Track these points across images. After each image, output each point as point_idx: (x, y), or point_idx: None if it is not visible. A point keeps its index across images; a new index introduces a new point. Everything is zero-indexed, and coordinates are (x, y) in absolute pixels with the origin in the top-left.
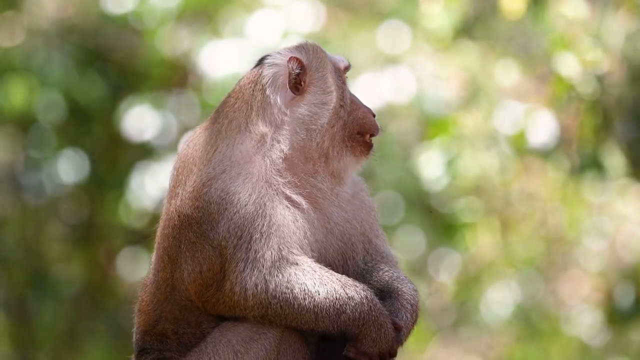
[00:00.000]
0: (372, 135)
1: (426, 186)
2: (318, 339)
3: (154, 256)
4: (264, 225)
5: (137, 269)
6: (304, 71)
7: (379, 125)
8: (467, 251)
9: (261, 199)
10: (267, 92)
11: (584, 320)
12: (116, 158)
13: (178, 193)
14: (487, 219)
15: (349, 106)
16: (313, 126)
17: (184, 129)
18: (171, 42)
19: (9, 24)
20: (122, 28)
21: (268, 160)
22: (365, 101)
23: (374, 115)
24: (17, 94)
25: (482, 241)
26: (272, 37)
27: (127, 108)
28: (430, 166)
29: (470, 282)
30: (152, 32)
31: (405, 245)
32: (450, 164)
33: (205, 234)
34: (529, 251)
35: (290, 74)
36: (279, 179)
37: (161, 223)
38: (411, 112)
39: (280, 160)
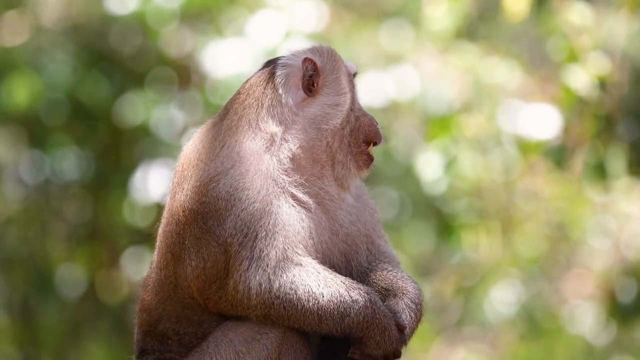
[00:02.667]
0: (375, 143)
1: (426, 188)
2: (320, 339)
3: (155, 255)
4: (269, 223)
5: (141, 269)
6: (317, 73)
7: (382, 134)
8: (469, 251)
9: (269, 196)
10: (280, 91)
11: (588, 319)
12: (120, 157)
13: (183, 188)
14: (488, 220)
15: (357, 111)
16: (325, 126)
17: (187, 128)
18: (174, 42)
19: (13, 23)
20: (126, 28)
21: (276, 159)
22: (368, 103)
23: (377, 124)
24: (21, 93)
25: (484, 242)
26: (275, 37)
27: (130, 103)
28: (430, 168)
29: (475, 282)
30: (156, 32)
31: (409, 244)
32: (449, 166)
33: (211, 229)
34: (532, 250)
35: (304, 74)
36: (287, 178)
37: (163, 220)
38: (414, 110)
39: (289, 159)
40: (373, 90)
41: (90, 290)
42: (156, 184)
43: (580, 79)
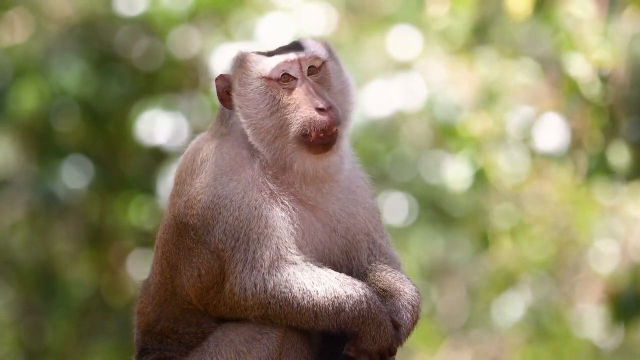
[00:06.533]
0: (318, 133)
1: (455, 200)
2: (321, 339)
3: (153, 259)
4: (260, 226)
5: (147, 271)
6: (231, 86)
7: (324, 120)
8: (487, 256)
9: (255, 201)
10: (219, 102)
11: (595, 323)
12: (128, 159)
13: (175, 202)
14: (503, 224)
15: (281, 111)
16: (250, 141)
17: (195, 132)
18: (183, 44)
19: (20, 24)
20: (134, 30)
21: (255, 165)
22: (378, 108)
23: (326, 108)
24: (29, 97)
25: (505, 246)
26: (283, 40)
27: (139, 111)
28: (459, 180)
29: (486, 286)
30: (164, 35)
31: (417, 247)
32: (478, 175)
33: (201, 239)
34: (540, 254)
35: (219, 92)
36: (269, 183)
37: (161, 227)
38: (423, 115)
39: (264, 166)
40: (381, 96)
41: (97, 292)
42: (163, 186)
43: (580, 66)
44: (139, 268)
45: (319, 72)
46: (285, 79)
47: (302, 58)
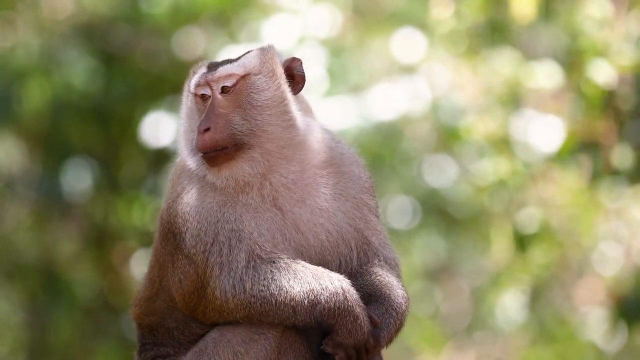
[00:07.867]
0: (200, 152)
1: (459, 203)
2: (320, 338)
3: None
4: (226, 229)
5: None
6: None
7: (198, 142)
8: (481, 256)
9: (217, 205)
10: None
11: (599, 325)
12: (132, 160)
13: (164, 208)
14: (500, 225)
15: (195, 127)
16: (180, 151)
17: None
18: (188, 45)
19: (22, 23)
20: (139, 31)
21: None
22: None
23: (207, 129)
24: (34, 98)
25: (496, 247)
26: (288, 42)
27: (143, 112)
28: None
29: (486, 287)
30: (169, 35)
31: (421, 249)
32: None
33: (179, 245)
34: (544, 256)
35: None
36: (231, 190)
37: (156, 226)
38: (427, 120)
39: None
40: (385, 99)
41: (100, 292)
42: (166, 187)
43: (606, 72)
44: (142, 268)
45: (232, 89)
46: (204, 97)
47: (210, 79)
